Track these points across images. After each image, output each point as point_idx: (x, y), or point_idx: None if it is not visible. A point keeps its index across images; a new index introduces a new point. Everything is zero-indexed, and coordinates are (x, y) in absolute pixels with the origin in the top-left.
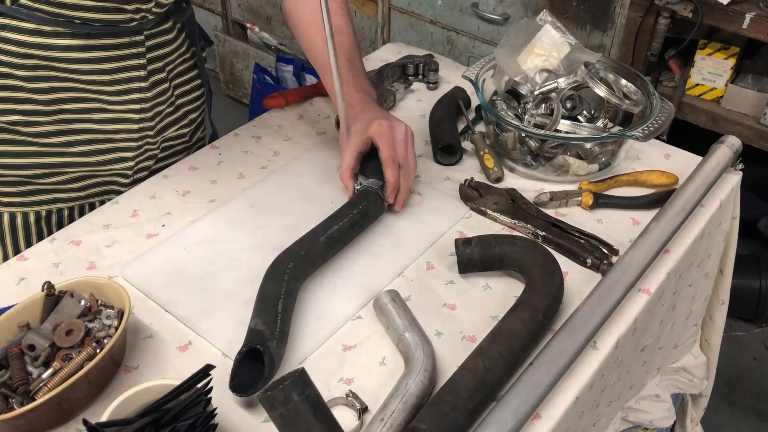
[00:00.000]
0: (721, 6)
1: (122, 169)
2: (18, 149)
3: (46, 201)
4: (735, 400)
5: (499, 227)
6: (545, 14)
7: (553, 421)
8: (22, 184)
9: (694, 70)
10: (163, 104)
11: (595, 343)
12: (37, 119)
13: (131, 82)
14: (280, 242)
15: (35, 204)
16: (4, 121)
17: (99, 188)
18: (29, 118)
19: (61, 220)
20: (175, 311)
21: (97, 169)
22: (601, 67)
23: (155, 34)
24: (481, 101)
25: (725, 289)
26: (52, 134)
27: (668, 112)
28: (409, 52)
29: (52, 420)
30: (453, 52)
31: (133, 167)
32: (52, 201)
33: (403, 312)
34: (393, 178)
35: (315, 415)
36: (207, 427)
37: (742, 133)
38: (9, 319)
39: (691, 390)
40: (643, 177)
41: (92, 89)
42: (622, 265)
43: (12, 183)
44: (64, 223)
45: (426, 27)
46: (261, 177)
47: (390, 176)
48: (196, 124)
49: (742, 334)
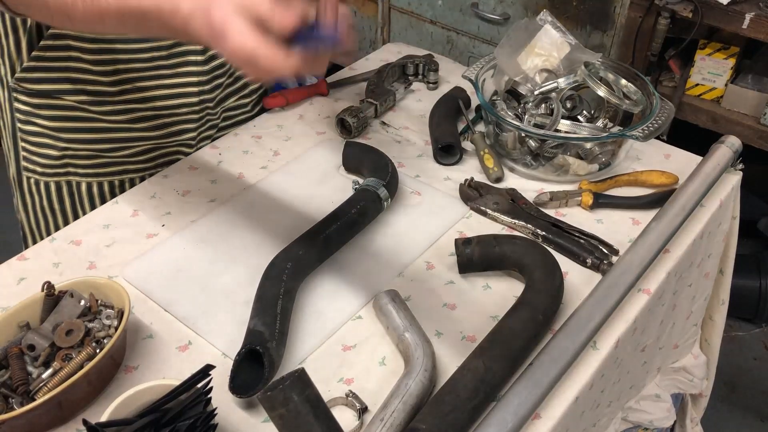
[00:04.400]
0: (721, 6)
1: (186, 139)
2: (88, 125)
3: (117, 172)
4: (735, 400)
5: (499, 227)
6: (545, 14)
7: (553, 421)
8: (94, 158)
9: (694, 70)
10: (222, 76)
11: (595, 343)
12: (104, 99)
13: (188, 55)
14: (279, 242)
15: (108, 175)
16: (75, 101)
17: (165, 158)
18: (96, 98)
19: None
20: (175, 311)
21: (162, 141)
22: (601, 67)
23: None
24: (481, 101)
25: (725, 289)
26: (117, 112)
27: (668, 112)
28: (409, 52)
29: (51, 420)
30: (453, 52)
31: (196, 137)
32: (123, 172)
33: (403, 312)
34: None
35: (315, 415)
36: (207, 427)
37: (742, 133)
38: (9, 319)
39: (691, 390)
40: (643, 177)
41: (151, 66)
42: (622, 265)
43: (85, 156)
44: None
45: (426, 27)
46: (261, 177)
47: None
48: (258, 95)
49: (742, 334)
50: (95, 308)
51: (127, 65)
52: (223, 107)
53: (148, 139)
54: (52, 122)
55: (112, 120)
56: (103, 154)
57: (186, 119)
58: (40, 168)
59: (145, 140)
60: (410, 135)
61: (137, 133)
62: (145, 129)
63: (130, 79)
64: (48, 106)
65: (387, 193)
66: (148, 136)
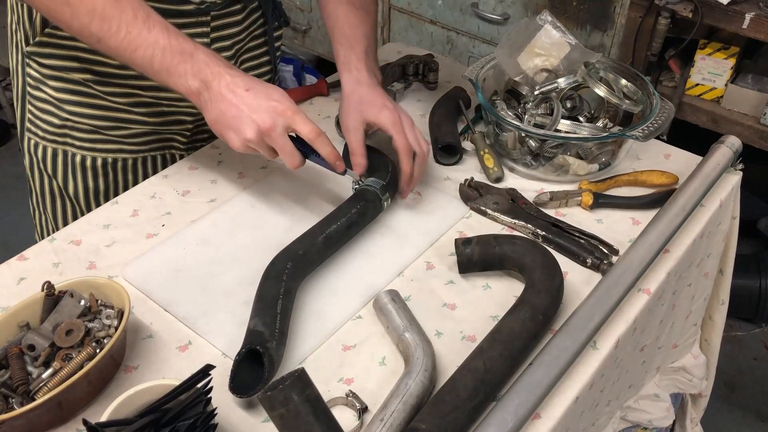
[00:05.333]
0: (721, 6)
1: (181, 130)
2: (91, 101)
3: (112, 150)
4: (735, 400)
5: (499, 227)
6: (545, 14)
7: (553, 421)
8: (92, 133)
9: (694, 70)
10: None
11: (595, 343)
12: (109, 80)
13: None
14: (279, 242)
15: (103, 151)
16: (81, 78)
17: (159, 144)
18: (102, 78)
19: (126, 167)
20: (175, 311)
21: (159, 128)
22: (601, 67)
23: (222, 15)
24: (481, 101)
25: (725, 289)
26: (120, 94)
27: (668, 112)
28: (409, 52)
29: (51, 420)
30: (453, 52)
31: (191, 129)
32: (118, 151)
33: (403, 312)
34: (409, 167)
35: (315, 415)
36: (207, 427)
37: (742, 133)
38: (9, 319)
39: (690, 390)
40: (643, 177)
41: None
42: (622, 265)
43: (84, 130)
44: (128, 169)
45: (426, 27)
46: (261, 177)
47: (406, 167)
48: None
49: (742, 334)
50: (95, 308)
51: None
52: None
53: (145, 123)
54: (58, 93)
55: (114, 101)
56: (101, 130)
57: (184, 111)
58: (41, 132)
59: (142, 124)
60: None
61: (136, 116)
62: (144, 114)
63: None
64: (56, 78)
65: (387, 193)
66: (146, 120)
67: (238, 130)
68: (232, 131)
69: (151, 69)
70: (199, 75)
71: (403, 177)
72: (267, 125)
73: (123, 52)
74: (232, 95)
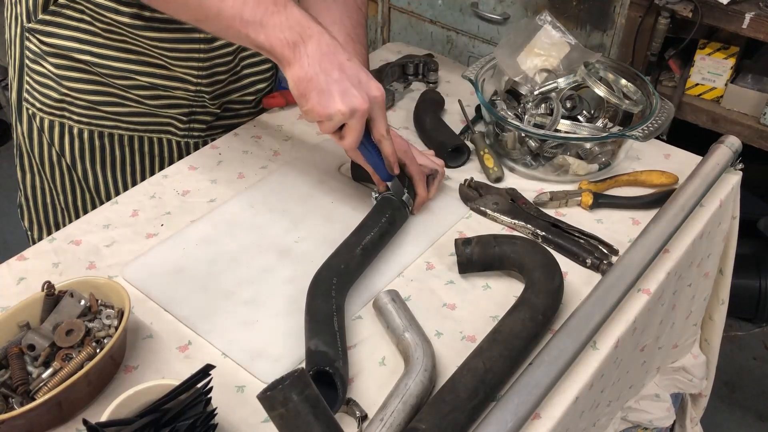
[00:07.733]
0: (721, 6)
1: (177, 114)
2: (89, 77)
3: (109, 126)
4: (735, 400)
5: (499, 227)
6: (545, 14)
7: (553, 421)
8: (90, 109)
9: (693, 69)
10: (223, 73)
11: (595, 343)
12: (108, 63)
13: (191, 51)
14: (279, 242)
15: (101, 126)
16: (81, 58)
17: (155, 126)
18: (101, 60)
19: (122, 142)
20: (175, 311)
21: (155, 110)
22: (600, 67)
23: None
24: (481, 101)
25: (725, 288)
26: (118, 77)
27: (668, 112)
28: (409, 51)
29: (51, 420)
30: (453, 52)
31: (188, 113)
32: (115, 127)
33: (403, 312)
34: (424, 192)
35: (315, 416)
36: (207, 427)
37: (742, 133)
38: (9, 319)
39: (690, 390)
40: (643, 177)
41: (156, 53)
42: (622, 265)
43: (83, 106)
44: (124, 144)
45: (426, 27)
46: (261, 177)
47: (422, 192)
48: (263, 93)
49: (742, 334)
50: (95, 308)
51: (133, 40)
52: (221, 101)
53: (141, 104)
54: (57, 69)
55: (113, 83)
56: (99, 107)
57: (181, 97)
58: (39, 104)
59: (138, 104)
60: (410, 135)
61: (134, 97)
62: (141, 96)
63: (134, 51)
64: (56, 55)
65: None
66: (143, 102)
67: (331, 96)
68: (325, 96)
69: (240, 19)
70: (296, 28)
71: (419, 200)
72: (363, 107)
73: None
74: (333, 58)
